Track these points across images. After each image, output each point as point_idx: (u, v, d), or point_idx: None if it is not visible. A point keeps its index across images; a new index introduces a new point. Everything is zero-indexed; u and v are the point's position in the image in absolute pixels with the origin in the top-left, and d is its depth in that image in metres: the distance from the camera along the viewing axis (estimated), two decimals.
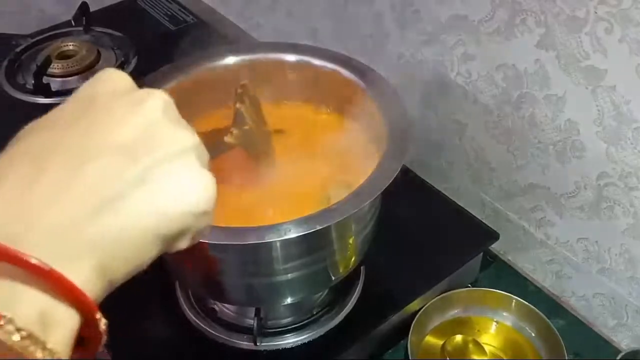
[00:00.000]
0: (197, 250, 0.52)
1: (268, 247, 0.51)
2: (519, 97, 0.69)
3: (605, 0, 0.56)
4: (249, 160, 0.59)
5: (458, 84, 0.75)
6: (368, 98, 0.61)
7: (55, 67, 0.93)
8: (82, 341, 0.26)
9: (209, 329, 0.64)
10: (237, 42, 1.04)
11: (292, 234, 0.47)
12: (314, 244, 0.53)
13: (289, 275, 0.54)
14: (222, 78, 0.65)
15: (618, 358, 0.63)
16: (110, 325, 0.50)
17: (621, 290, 0.69)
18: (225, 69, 0.65)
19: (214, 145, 0.49)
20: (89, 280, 0.24)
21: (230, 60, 0.65)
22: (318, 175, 0.58)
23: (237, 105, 0.57)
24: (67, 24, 1.03)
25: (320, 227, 0.47)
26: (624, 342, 0.71)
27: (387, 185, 0.51)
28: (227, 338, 0.63)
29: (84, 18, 1.01)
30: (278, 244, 0.51)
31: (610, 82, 0.59)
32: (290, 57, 0.65)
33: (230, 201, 0.56)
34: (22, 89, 0.93)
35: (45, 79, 0.91)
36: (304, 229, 0.47)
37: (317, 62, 0.65)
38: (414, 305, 0.67)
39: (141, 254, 0.27)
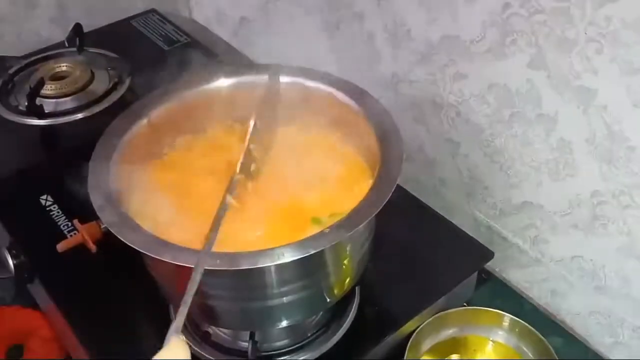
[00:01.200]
0: (190, 275, 0.52)
1: (262, 272, 0.51)
2: (511, 116, 0.69)
3: (595, 22, 0.56)
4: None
5: (450, 103, 0.75)
6: (361, 118, 0.61)
7: (49, 89, 0.93)
8: None
9: (203, 353, 0.63)
10: (231, 62, 1.04)
11: (286, 259, 0.47)
12: (308, 268, 0.53)
13: (284, 299, 0.54)
14: (215, 100, 0.66)
15: None
16: (103, 348, 0.50)
17: (617, 308, 0.69)
18: (218, 90, 0.65)
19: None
20: None
21: (223, 82, 0.66)
22: (308, 199, 0.58)
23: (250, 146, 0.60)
24: (61, 45, 1.03)
25: (315, 251, 0.47)
26: None
27: (381, 207, 0.51)
28: None
29: (77, 39, 1.01)
30: (272, 269, 0.51)
31: (601, 102, 0.60)
32: (284, 79, 0.65)
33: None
34: (16, 110, 0.92)
35: (38, 100, 0.91)
36: (298, 253, 0.47)
37: (310, 83, 0.65)
38: (409, 326, 0.67)
39: None
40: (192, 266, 0.46)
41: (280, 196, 0.58)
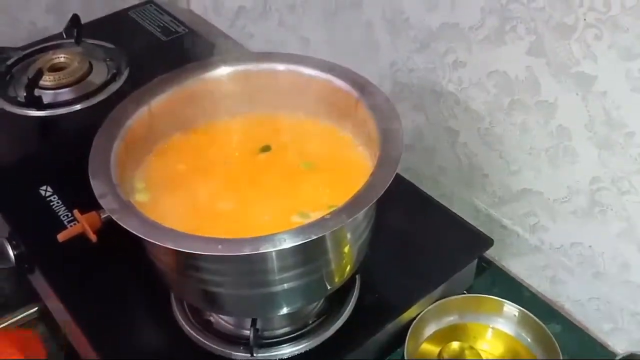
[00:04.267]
0: (191, 261, 0.52)
1: (263, 258, 0.51)
2: (511, 104, 0.69)
3: (594, 7, 0.56)
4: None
5: (449, 91, 0.75)
6: (360, 106, 0.61)
7: (47, 80, 0.93)
8: None
9: (204, 341, 0.63)
10: (229, 52, 1.04)
11: (287, 244, 0.47)
12: (309, 254, 0.53)
13: (285, 285, 0.54)
14: (214, 89, 0.65)
15: None
16: (105, 337, 0.50)
17: (616, 295, 0.69)
18: (217, 79, 0.65)
19: None
20: None
21: (223, 71, 0.66)
22: (303, 189, 0.59)
23: None
24: (59, 36, 1.03)
25: (316, 237, 0.47)
26: (620, 346, 0.71)
27: (381, 194, 0.51)
28: (223, 349, 0.63)
29: (75, 30, 1.01)
30: (273, 255, 0.51)
31: (600, 88, 0.60)
32: (282, 67, 0.65)
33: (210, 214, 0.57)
34: (14, 101, 0.92)
35: (37, 92, 0.90)
36: (299, 239, 0.47)
37: (309, 71, 0.65)
38: (410, 313, 0.67)
39: None
40: (194, 252, 0.47)
41: (275, 185, 0.59)
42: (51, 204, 0.76)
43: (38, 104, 0.90)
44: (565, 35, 0.60)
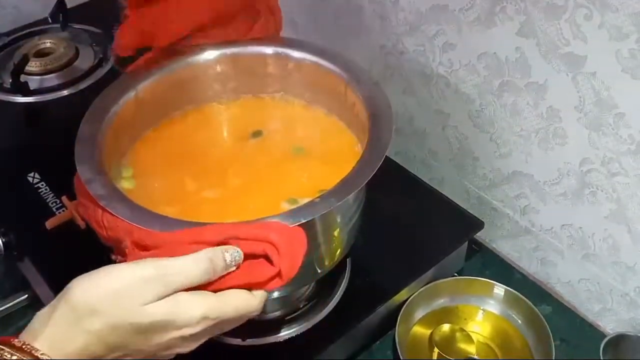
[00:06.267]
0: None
1: None
2: (501, 86, 0.69)
3: None
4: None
5: (440, 73, 0.75)
6: (350, 90, 0.60)
7: (33, 65, 0.92)
8: None
9: None
10: None
11: None
12: None
13: None
14: (202, 73, 0.65)
15: (603, 342, 0.63)
16: None
17: (605, 276, 0.70)
18: (205, 63, 0.65)
19: None
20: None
21: (210, 54, 0.65)
22: (291, 179, 0.58)
23: None
24: (44, 21, 1.01)
25: (305, 221, 0.47)
26: (609, 326, 0.71)
27: (370, 177, 0.50)
28: None
29: (61, 15, 0.99)
30: None
31: (590, 69, 0.60)
32: (270, 50, 0.65)
33: (199, 200, 0.56)
34: (0, 88, 0.91)
35: (22, 78, 0.89)
36: (288, 222, 0.47)
37: (297, 54, 0.64)
38: (400, 296, 0.67)
39: None
40: None
41: (265, 171, 0.58)
42: (39, 190, 0.76)
43: (24, 90, 0.89)
44: (555, 15, 0.59)
